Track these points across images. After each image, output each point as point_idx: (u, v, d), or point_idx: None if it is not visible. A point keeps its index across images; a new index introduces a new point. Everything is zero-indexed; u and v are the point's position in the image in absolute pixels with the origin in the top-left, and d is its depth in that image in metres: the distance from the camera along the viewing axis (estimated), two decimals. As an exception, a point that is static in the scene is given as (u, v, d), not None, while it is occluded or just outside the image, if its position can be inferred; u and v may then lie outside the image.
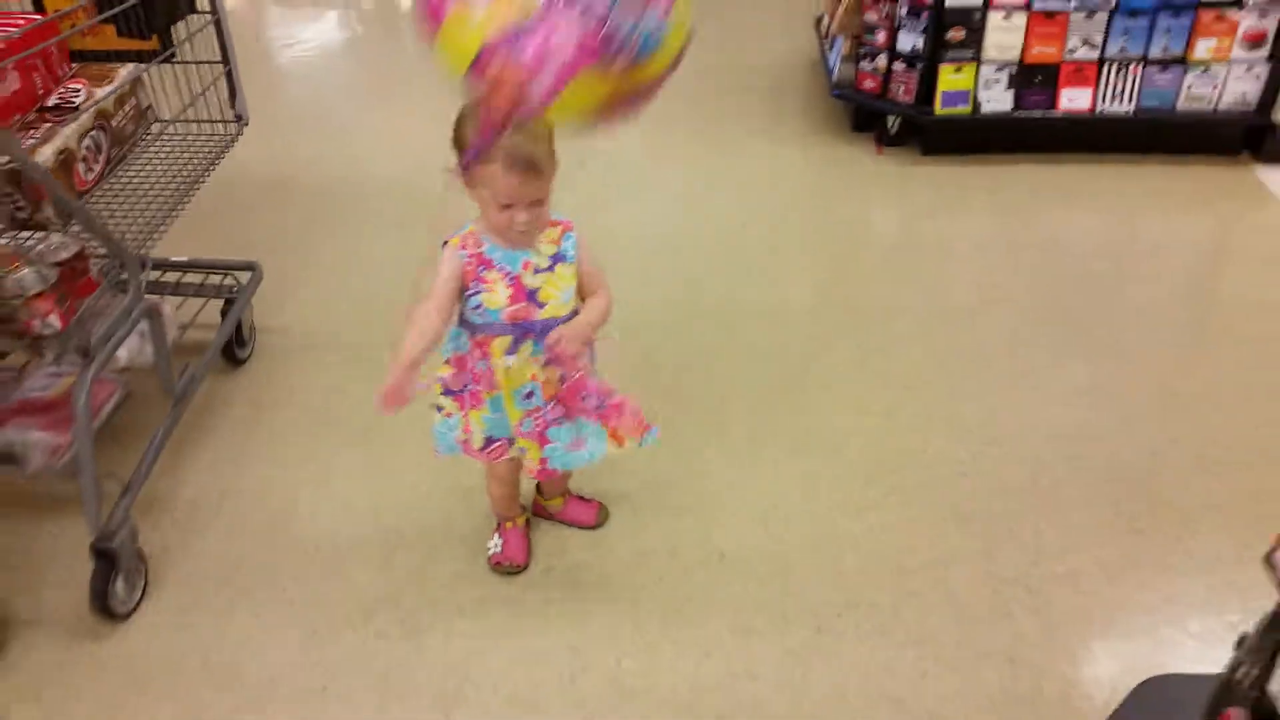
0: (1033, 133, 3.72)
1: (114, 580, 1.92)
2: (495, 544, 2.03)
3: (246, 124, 2.47)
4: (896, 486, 2.21)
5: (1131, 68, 3.56)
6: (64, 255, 1.90)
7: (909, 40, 3.63)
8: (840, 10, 3.96)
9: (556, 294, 1.68)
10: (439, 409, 1.83)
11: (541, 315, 1.68)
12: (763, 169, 3.79)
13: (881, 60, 3.76)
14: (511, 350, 1.69)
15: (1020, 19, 3.51)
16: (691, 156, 3.91)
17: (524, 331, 1.68)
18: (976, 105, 3.65)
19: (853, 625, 1.88)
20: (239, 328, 2.61)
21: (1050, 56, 3.56)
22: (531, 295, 1.67)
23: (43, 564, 2.07)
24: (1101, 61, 3.56)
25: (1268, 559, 1.10)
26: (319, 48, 5.37)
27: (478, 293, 1.67)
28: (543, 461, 1.81)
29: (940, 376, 2.58)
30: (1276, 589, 1.10)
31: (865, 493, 2.20)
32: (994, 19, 3.52)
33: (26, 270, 1.82)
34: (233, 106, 2.44)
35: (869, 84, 3.84)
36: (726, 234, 3.33)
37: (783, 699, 1.76)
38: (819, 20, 4.56)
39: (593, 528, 2.10)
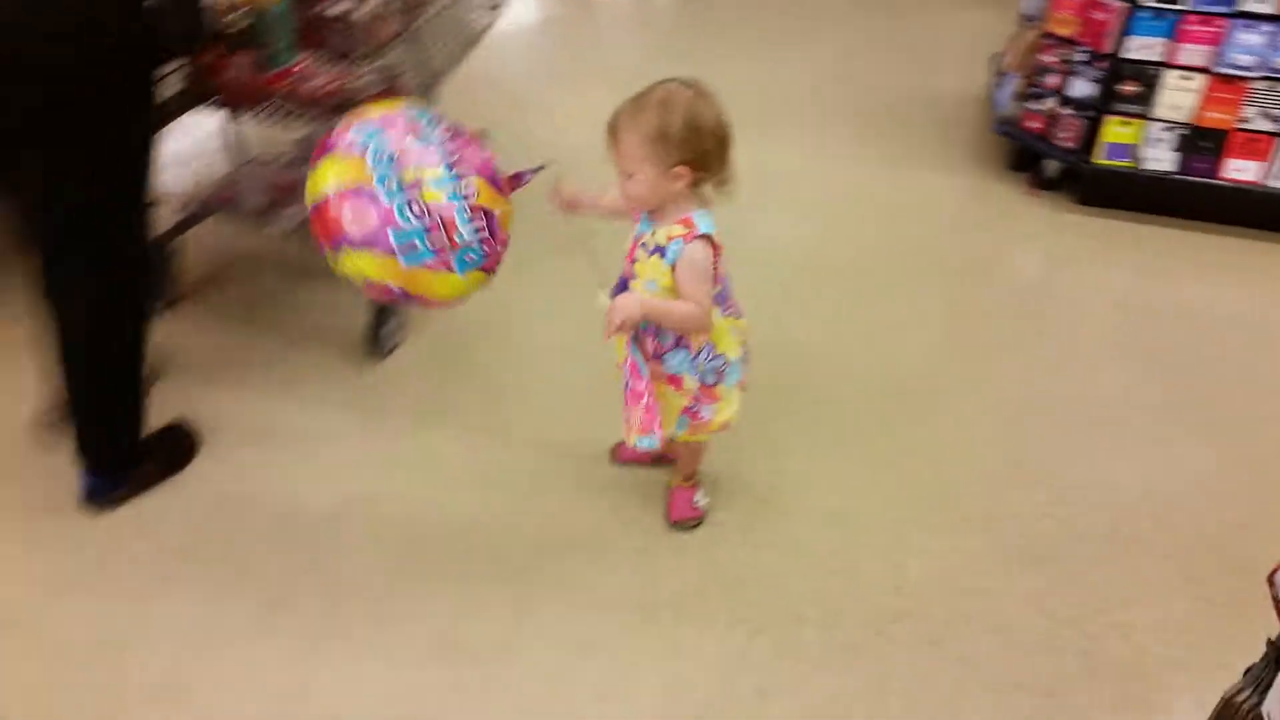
0: (1193, 197, 3.63)
1: (386, 323, 2.67)
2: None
3: (504, 10, 3.10)
4: (975, 513, 2.28)
5: (1309, 146, 3.45)
6: (386, 75, 2.54)
7: (1081, 87, 3.62)
8: (1019, 47, 3.97)
9: (644, 278, 1.84)
10: None
11: (632, 284, 1.86)
12: (911, 192, 3.84)
13: (1050, 103, 3.75)
14: (614, 293, 1.86)
15: (1198, 81, 3.45)
16: (843, 173, 3.99)
17: (623, 284, 1.89)
18: (1139, 161, 3.61)
19: (903, 632, 1.97)
20: None
21: (1223, 122, 3.48)
22: (633, 263, 1.87)
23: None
24: (1278, 134, 3.46)
25: (1270, 578, 1.15)
26: (514, 23, 5.64)
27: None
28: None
29: (1043, 417, 2.61)
30: (1274, 608, 1.15)
31: (944, 513, 2.27)
32: (1170, 77, 3.46)
33: (372, 77, 2.50)
34: None
35: (1033, 124, 3.83)
36: (859, 248, 3.41)
37: (821, 687, 1.86)
38: (995, 56, 4.55)
39: (671, 521, 2.19)
